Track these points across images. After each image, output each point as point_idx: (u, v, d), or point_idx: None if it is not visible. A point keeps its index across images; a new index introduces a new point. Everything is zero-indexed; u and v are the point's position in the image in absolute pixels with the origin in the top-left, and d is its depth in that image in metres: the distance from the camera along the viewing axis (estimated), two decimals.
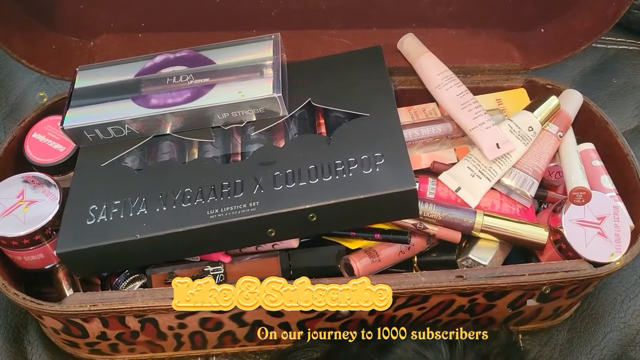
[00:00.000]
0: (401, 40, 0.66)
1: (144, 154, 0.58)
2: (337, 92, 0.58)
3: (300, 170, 0.52)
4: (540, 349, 0.62)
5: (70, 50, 0.65)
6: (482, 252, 0.56)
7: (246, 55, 0.58)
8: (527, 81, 0.67)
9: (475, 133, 0.57)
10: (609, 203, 0.56)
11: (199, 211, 0.51)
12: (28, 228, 0.52)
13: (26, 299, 0.51)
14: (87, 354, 0.59)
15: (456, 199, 0.57)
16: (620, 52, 0.84)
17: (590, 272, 0.53)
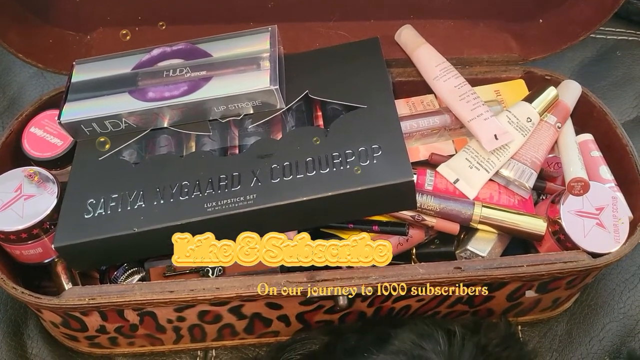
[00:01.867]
0: (399, 31, 0.66)
1: (142, 148, 0.57)
2: (335, 84, 0.58)
3: (297, 162, 0.52)
4: (539, 340, 0.62)
5: (67, 44, 0.65)
6: (481, 244, 0.56)
7: (243, 48, 0.57)
8: (525, 72, 0.66)
9: (473, 124, 0.57)
10: (608, 194, 0.56)
11: (196, 204, 0.51)
12: (26, 222, 0.52)
13: (25, 293, 0.51)
14: (86, 348, 0.59)
15: (454, 191, 0.57)
16: (619, 42, 0.83)
17: (588, 262, 0.53)
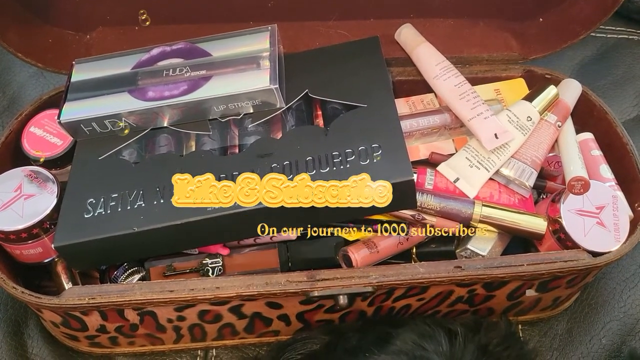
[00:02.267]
0: (399, 30, 0.66)
1: (141, 147, 0.57)
2: (335, 84, 0.57)
3: (297, 161, 0.52)
4: (540, 339, 0.62)
5: (67, 43, 0.65)
6: (481, 243, 0.56)
7: (243, 47, 0.57)
8: (525, 71, 0.66)
9: (473, 123, 0.57)
10: (608, 192, 0.56)
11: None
12: (26, 222, 0.52)
13: (25, 293, 0.51)
14: (87, 347, 0.59)
15: (454, 190, 0.57)
16: (620, 41, 0.83)
17: (589, 261, 0.53)
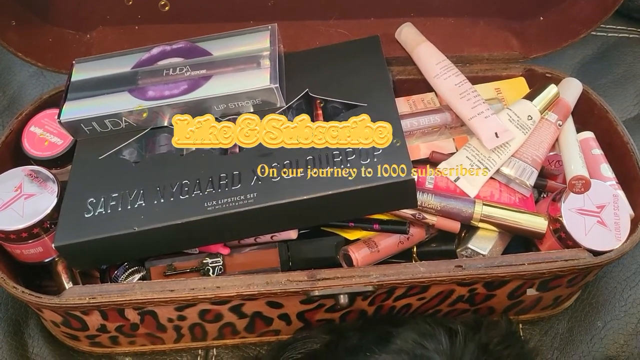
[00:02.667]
0: (399, 29, 0.66)
1: (142, 147, 0.57)
2: (335, 83, 0.57)
3: (298, 161, 0.52)
4: (540, 338, 0.62)
5: (67, 43, 0.65)
6: (482, 242, 0.56)
7: (243, 47, 0.57)
8: (526, 70, 0.66)
9: (474, 122, 0.57)
10: (609, 192, 0.56)
11: (196, 203, 0.51)
12: (26, 221, 0.52)
13: (25, 293, 0.51)
14: (87, 347, 0.59)
15: (455, 189, 0.57)
16: (620, 40, 0.83)
17: (589, 260, 0.53)
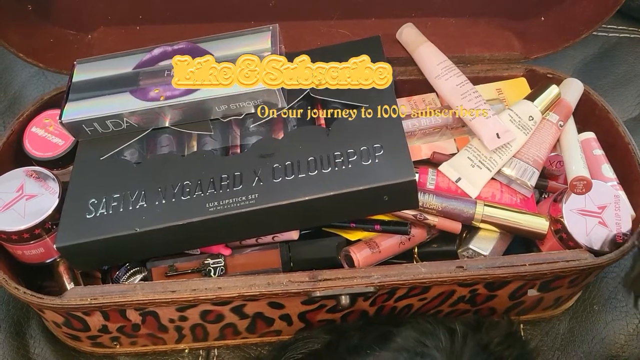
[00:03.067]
0: (400, 30, 0.66)
1: (143, 147, 0.57)
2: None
3: (299, 162, 0.52)
4: (541, 338, 0.62)
5: (68, 43, 0.65)
6: (483, 243, 0.56)
7: (244, 47, 0.57)
8: (527, 70, 0.66)
9: (475, 123, 0.57)
10: (610, 192, 0.56)
11: (198, 204, 0.51)
12: (28, 222, 0.52)
13: (27, 293, 0.51)
14: (89, 347, 0.59)
15: (456, 190, 0.57)
16: (621, 40, 0.83)
17: (591, 261, 0.53)
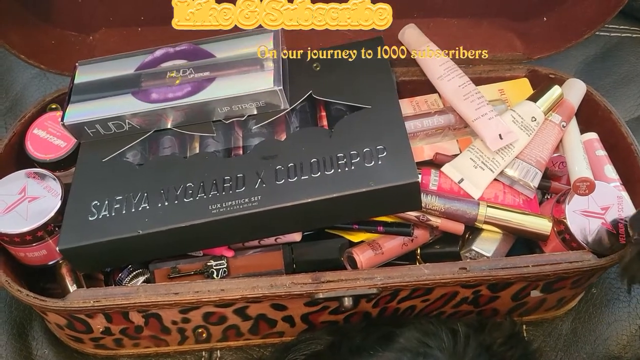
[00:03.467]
0: (402, 30, 0.66)
1: (145, 149, 0.57)
2: (339, 84, 0.57)
3: (302, 163, 0.52)
4: (544, 339, 0.62)
5: (70, 44, 0.65)
6: (486, 244, 0.56)
7: (247, 48, 0.57)
8: (529, 71, 0.66)
9: (477, 124, 0.57)
10: (613, 193, 0.56)
11: (200, 206, 0.51)
12: (30, 224, 0.52)
13: (29, 296, 0.51)
14: (91, 349, 0.59)
15: (459, 191, 0.57)
16: (623, 40, 0.83)
17: (594, 262, 0.53)
